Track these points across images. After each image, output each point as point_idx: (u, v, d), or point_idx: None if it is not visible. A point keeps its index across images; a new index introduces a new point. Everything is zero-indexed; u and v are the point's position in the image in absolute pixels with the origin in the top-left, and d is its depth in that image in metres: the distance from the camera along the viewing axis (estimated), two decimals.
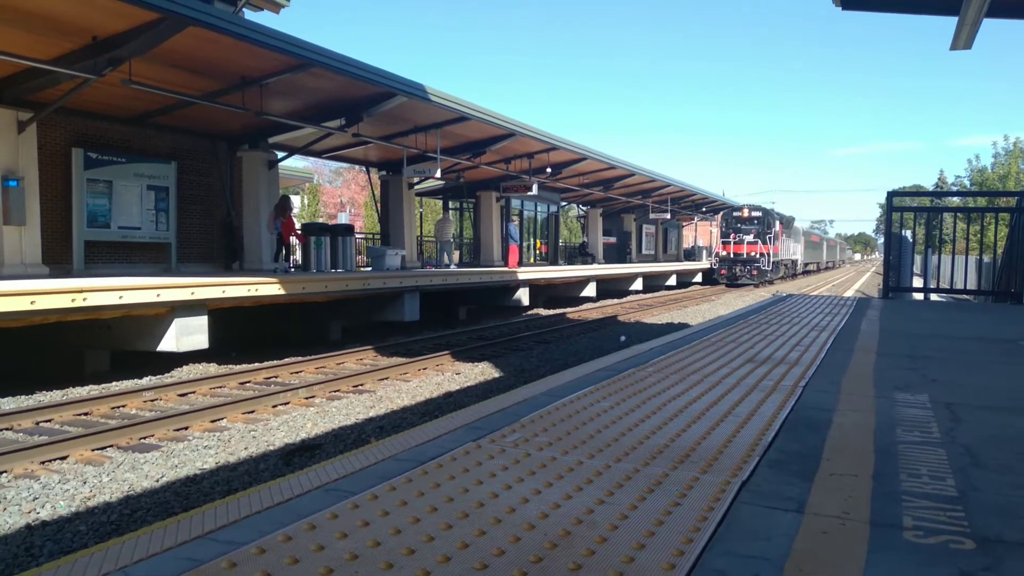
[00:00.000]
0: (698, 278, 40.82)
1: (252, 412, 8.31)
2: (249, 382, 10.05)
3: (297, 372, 10.84)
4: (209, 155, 17.55)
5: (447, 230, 23.73)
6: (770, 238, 37.63)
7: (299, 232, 16.83)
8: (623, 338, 14.60)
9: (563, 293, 24.93)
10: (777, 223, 39.62)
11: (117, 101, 13.86)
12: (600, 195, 32.54)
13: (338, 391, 9.52)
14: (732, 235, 38.20)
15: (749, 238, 37.78)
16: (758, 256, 37.30)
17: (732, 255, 38.03)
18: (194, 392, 9.35)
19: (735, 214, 39.26)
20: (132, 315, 9.94)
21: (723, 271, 38.25)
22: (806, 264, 56.71)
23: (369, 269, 18.77)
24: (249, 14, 20.25)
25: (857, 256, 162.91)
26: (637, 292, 30.01)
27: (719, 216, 42.28)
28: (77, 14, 10.07)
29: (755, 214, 38.69)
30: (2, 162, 12.20)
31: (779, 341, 6.27)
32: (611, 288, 28.51)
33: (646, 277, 31.39)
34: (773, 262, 38.13)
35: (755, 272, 37.22)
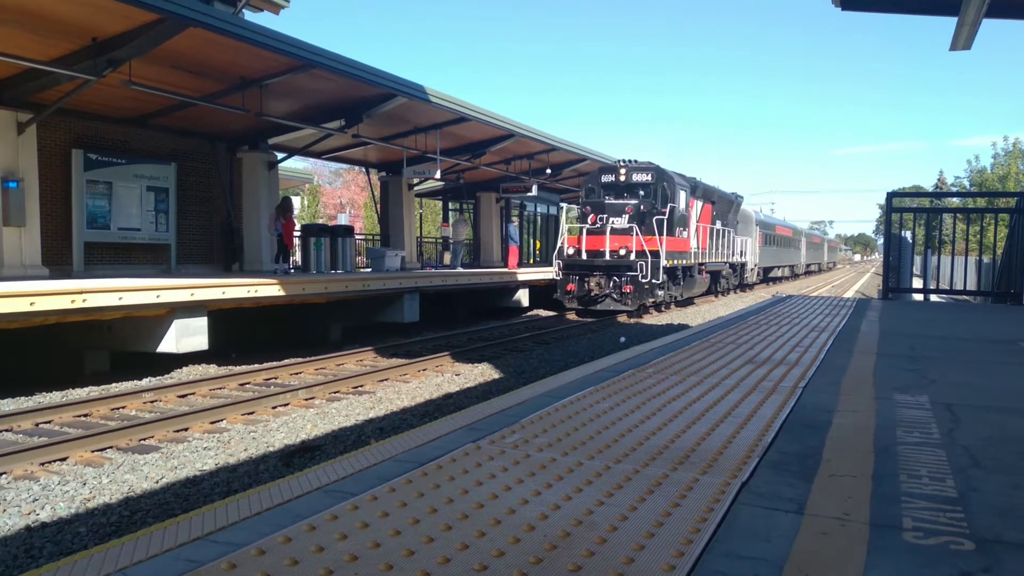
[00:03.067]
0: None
1: (252, 413, 8.31)
2: (249, 383, 10.04)
3: (297, 373, 10.83)
4: (209, 156, 17.55)
5: (462, 231, 23.75)
6: (664, 222, 19.29)
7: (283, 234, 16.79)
8: (623, 339, 14.60)
9: None
10: (684, 196, 21.40)
11: (117, 102, 13.87)
12: None
13: (338, 392, 9.51)
14: (592, 216, 19.63)
15: (620, 222, 19.26)
16: (632, 257, 18.79)
17: (585, 255, 19.37)
18: (194, 393, 9.34)
19: (604, 178, 20.73)
20: (132, 316, 9.94)
21: (570, 285, 19.37)
22: (768, 269, 39.52)
23: (369, 270, 18.77)
24: (249, 15, 20.26)
25: (857, 257, 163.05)
26: None
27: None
28: (77, 15, 10.08)
29: (640, 178, 20.28)
30: (2, 163, 12.20)
31: (779, 342, 6.28)
32: None
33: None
34: (670, 268, 19.91)
35: (628, 288, 18.74)
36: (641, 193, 20.02)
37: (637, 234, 18.74)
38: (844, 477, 2.55)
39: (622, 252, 18.94)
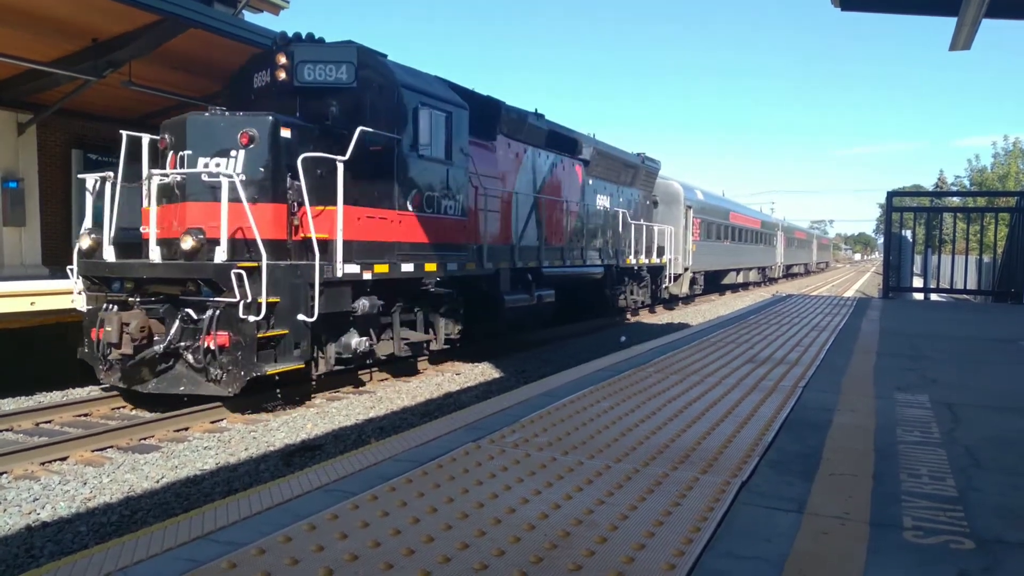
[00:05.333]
0: None
1: (252, 413, 8.30)
2: None
3: None
4: None
5: None
6: (341, 170, 7.65)
7: None
8: (623, 338, 14.59)
9: None
10: (436, 120, 9.32)
11: (117, 103, 13.86)
12: None
13: (338, 392, 9.51)
14: (171, 156, 7.85)
15: (223, 167, 7.38)
16: (219, 257, 6.96)
17: (112, 252, 7.90)
18: None
19: (257, 78, 9.37)
20: None
21: (97, 329, 7.30)
22: (717, 274, 28.77)
23: None
24: (248, 16, 20.26)
25: (857, 256, 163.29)
26: None
27: None
28: (77, 16, 10.08)
29: (322, 74, 8.82)
30: (2, 164, 12.21)
31: (779, 341, 6.28)
32: None
33: None
34: (383, 281, 8.59)
35: (220, 339, 6.88)
36: (334, 108, 8.91)
37: (238, 198, 7.08)
38: (844, 476, 2.55)
39: (188, 244, 7.29)
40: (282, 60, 8.96)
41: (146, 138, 8.19)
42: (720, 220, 28.18)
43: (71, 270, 8.28)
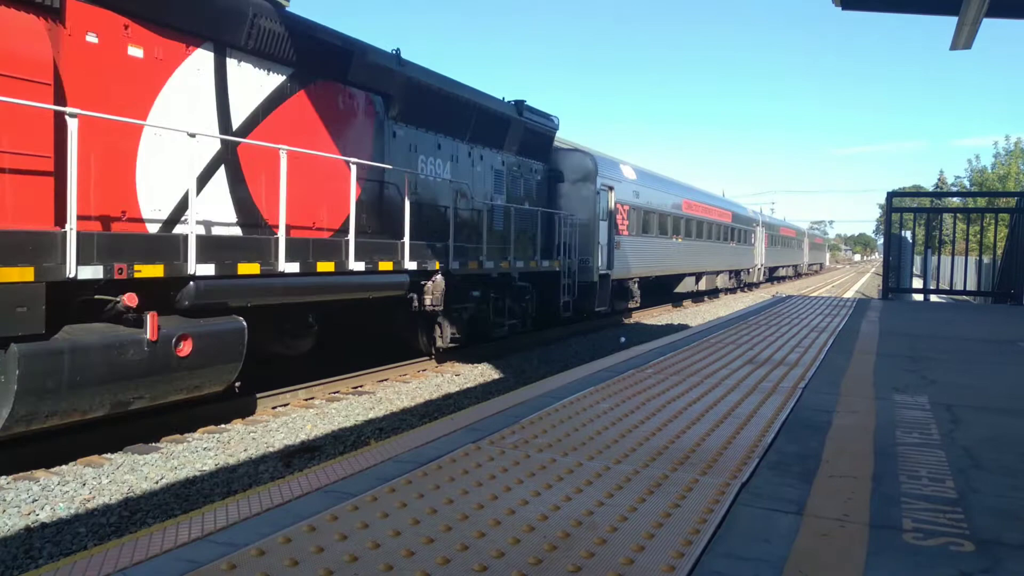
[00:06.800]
0: None
1: (251, 414, 8.30)
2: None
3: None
4: None
5: None
6: None
7: None
8: (623, 339, 14.60)
9: None
10: None
11: None
12: None
13: (337, 392, 9.51)
14: None
15: None
16: None
17: None
18: None
19: None
20: None
21: None
22: (671, 277, 22.82)
23: None
24: None
25: (857, 257, 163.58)
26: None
27: None
28: None
29: None
30: None
31: (779, 342, 6.28)
32: None
33: None
34: None
35: None
36: None
37: None
38: (844, 478, 2.55)
39: None
40: None
41: None
42: (666, 209, 21.29)
43: None
